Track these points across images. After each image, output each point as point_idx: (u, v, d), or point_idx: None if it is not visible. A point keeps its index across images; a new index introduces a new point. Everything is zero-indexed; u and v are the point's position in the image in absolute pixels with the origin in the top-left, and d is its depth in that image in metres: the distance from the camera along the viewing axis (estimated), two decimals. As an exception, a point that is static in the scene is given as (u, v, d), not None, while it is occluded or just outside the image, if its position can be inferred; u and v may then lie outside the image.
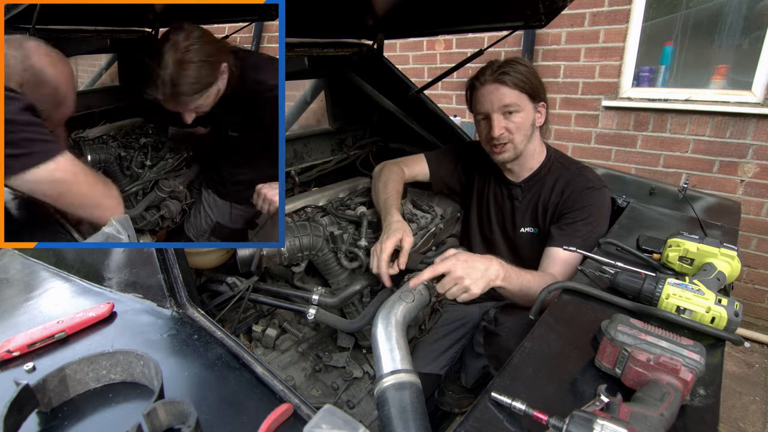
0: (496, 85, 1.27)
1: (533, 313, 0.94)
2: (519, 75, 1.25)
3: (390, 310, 0.92)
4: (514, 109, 1.27)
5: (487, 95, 1.29)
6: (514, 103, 1.27)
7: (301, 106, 2.23)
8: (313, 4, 1.39)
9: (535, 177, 1.40)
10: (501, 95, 1.27)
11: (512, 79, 1.25)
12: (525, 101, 1.28)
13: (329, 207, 1.47)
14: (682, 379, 0.63)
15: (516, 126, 1.29)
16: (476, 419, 0.65)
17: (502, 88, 1.26)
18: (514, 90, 1.26)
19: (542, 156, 1.40)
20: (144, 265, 0.92)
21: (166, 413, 0.60)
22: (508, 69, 1.26)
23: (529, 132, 1.32)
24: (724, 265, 0.97)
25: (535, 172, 1.40)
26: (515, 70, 1.26)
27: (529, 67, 1.29)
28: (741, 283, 2.78)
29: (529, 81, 1.27)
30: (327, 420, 0.53)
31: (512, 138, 1.30)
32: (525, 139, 1.31)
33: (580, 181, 1.33)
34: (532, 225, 1.41)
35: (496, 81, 1.26)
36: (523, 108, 1.28)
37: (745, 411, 2.20)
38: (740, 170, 2.62)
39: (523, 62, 1.29)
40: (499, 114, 1.28)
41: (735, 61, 2.62)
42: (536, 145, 1.37)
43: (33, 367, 0.73)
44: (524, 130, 1.30)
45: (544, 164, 1.39)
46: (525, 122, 1.29)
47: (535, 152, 1.38)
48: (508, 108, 1.27)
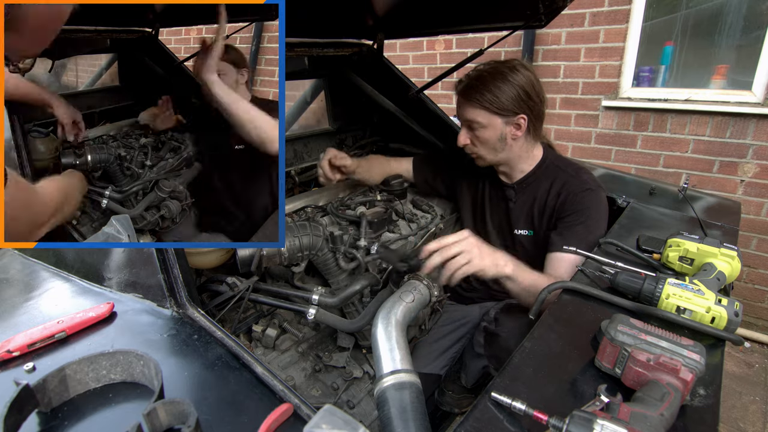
0: (463, 100, 1.28)
1: (533, 313, 0.94)
2: (487, 94, 1.21)
3: (390, 310, 0.92)
4: (476, 125, 1.28)
5: (458, 106, 1.31)
6: (475, 120, 1.27)
7: (301, 106, 2.23)
8: (313, 4, 1.39)
9: (529, 179, 1.39)
10: (464, 111, 1.29)
11: (477, 96, 1.23)
12: (491, 118, 1.25)
13: (329, 207, 1.47)
14: (682, 379, 0.63)
15: (480, 140, 1.30)
16: (476, 419, 0.65)
17: (466, 104, 1.27)
18: (477, 108, 1.25)
19: (536, 158, 1.38)
20: (144, 265, 0.92)
21: (166, 413, 0.60)
22: (478, 84, 1.23)
23: (498, 146, 1.30)
24: (724, 265, 0.97)
25: (528, 174, 1.39)
26: (486, 87, 1.21)
27: (512, 81, 1.20)
28: (741, 283, 2.78)
29: (497, 100, 1.21)
30: (327, 420, 0.53)
31: (476, 150, 1.32)
32: (492, 152, 1.32)
33: (576, 183, 1.32)
34: (528, 227, 1.41)
35: (462, 95, 1.28)
36: (489, 125, 1.27)
37: (745, 411, 2.20)
38: (740, 170, 2.62)
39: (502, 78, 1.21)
40: (465, 127, 1.31)
41: (735, 61, 2.62)
42: (521, 152, 1.34)
43: (33, 367, 0.73)
44: (490, 144, 1.30)
45: (539, 166, 1.38)
46: (490, 138, 1.28)
47: (521, 158, 1.36)
48: (472, 124, 1.29)
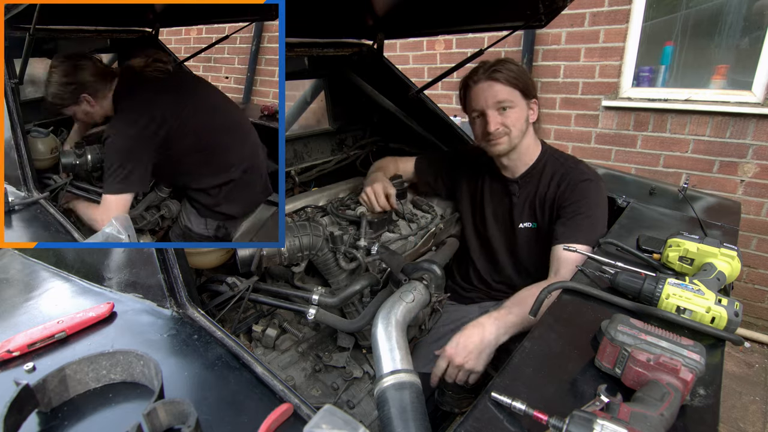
0: (489, 83, 1.31)
1: (533, 312, 0.94)
2: (511, 72, 1.30)
3: (390, 310, 0.92)
4: (507, 105, 1.31)
5: (481, 93, 1.32)
6: (507, 99, 1.31)
7: (301, 106, 2.23)
8: (313, 4, 1.39)
9: (531, 172, 1.41)
10: (495, 92, 1.31)
11: (504, 76, 1.30)
12: (518, 97, 1.32)
13: (329, 207, 1.47)
14: (682, 379, 0.63)
15: (511, 121, 1.32)
16: (476, 419, 0.65)
17: (496, 85, 1.30)
18: (507, 86, 1.30)
19: (537, 152, 1.42)
20: (144, 265, 0.92)
21: (166, 413, 0.60)
22: (499, 67, 1.31)
23: (524, 127, 1.35)
24: (724, 265, 0.97)
25: (530, 167, 1.42)
26: (506, 68, 1.31)
27: (519, 66, 1.34)
28: (741, 283, 2.78)
29: (520, 78, 1.31)
30: (327, 420, 0.53)
31: (509, 132, 1.33)
32: (520, 134, 1.35)
33: (576, 174, 1.35)
34: (531, 220, 1.43)
35: (489, 78, 1.31)
36: (517, 104, 1.32)
37: (745, 411, 2.20)
38: (740, 170, 2.62)
39: (513, 62, 1.34)
40: (494, 110, 1.32)
41: (735, 61, 2.62)
42: (531, 141, 1.40)
43: (33, 367, 0.73)
44: (519, 125, 1.33)
45: (540, 159, 1.41)
46: (519, 118, 1.33)
47: (529, 148, 1.41)
48: (502, 104, 1.31)
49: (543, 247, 1.38)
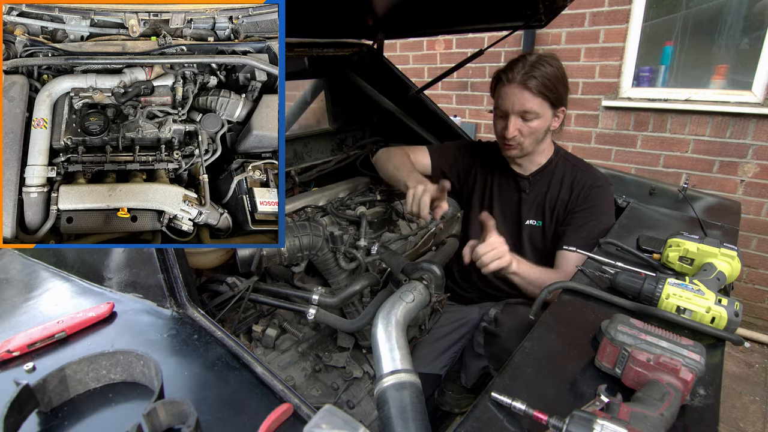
0: (521, 89, 1.25)
1: (533, 313, 0.94)
2: (545, 79, 1.23)
3: (390, 310, 0.92)
4: (533, 116, 1.27)
5: (510, 95, 1.27)
6: (533, 110, 1.26)
7: (301, 106, 2.23)
8: (313, 4, 1.39)
9: (543, 171, 1.42)
10: (523, 101, 1.26)
11: (537, 84, 1.23)
12: (545, 108, 1.28)
13: (329, 207, 1.47)
14: (682, 379, 0.63)
15: (529, 131, 1.30)
16: (476, 419, 0.65)
17: (526, 93, 1.25)
18: (537, 97, 1.25)
19: (550, 152, 1.43)
20: (144, 265, 0.92)
21: (166, 413, 0.60)
22: (535, 72, 1.23)
23: (541, 137, 1.33)
24: (724, 265, 0.97)
25: (542, 166, 1.42)
26: (542, 74, 1.23)
27: (558, 69, 1.26)
28: (741, 283, 2.78)
29: (554, 87, 1.25)
30: (327, 420, 0.53)
31: (522, 141, 1.31)
32: (534, 143, 1.33)
33: (589, 178, 1.36)
34: (538, 218, 1.43)
35: (521, 84, 1.24)
36: (542, 115, 1.28)
37: (745, 411, 2.20)
38: (740, 170, 2.62)
39: (552, 63, 1.26)
40: (517, 117, 1.29)
41: (735, 61, 2.62)
42: (546, 144, 1.40)
43: (33, 367, 0.73)
44: (537, 135, 1.31)
45: (552, 159, 1.42)
46: (540, 128, 1.30)
47: (544, 150, 1.41)
48: (526, 113, 1.27)
49: (545, 246, 1.38)
